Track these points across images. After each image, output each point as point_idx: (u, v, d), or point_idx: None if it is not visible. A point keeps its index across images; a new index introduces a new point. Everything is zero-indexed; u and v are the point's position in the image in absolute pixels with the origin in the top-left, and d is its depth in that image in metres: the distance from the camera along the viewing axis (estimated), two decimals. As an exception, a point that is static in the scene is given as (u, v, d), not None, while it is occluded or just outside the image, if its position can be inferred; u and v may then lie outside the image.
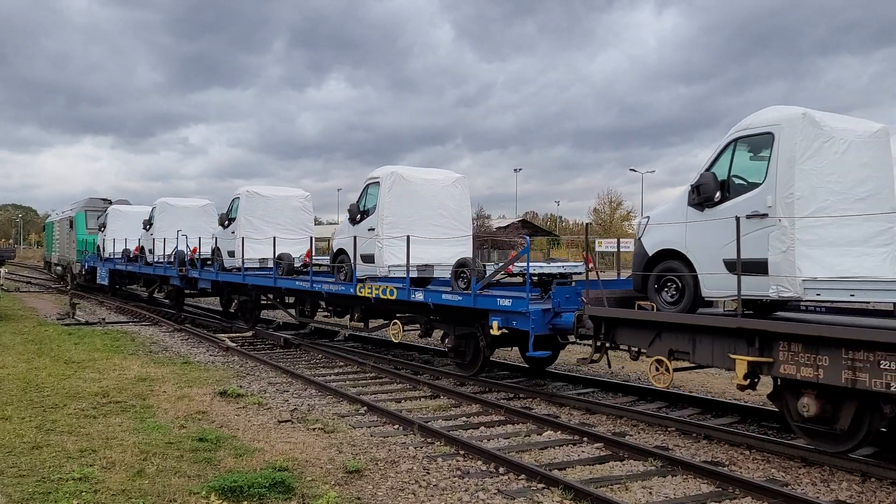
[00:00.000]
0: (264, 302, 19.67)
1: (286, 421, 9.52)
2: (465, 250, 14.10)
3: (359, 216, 14.43)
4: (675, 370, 9.00)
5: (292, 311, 18.23)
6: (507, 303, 11.06)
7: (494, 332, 11.21)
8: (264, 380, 12.65)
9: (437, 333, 13.61)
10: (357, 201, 14.62)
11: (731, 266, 8.10)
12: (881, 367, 6.86)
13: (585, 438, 8.76)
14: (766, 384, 8.75)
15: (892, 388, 6.76)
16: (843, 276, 7.63)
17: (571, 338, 11.14)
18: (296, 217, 19.05)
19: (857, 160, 8.20)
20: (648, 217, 9.54)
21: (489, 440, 8.77)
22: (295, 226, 18.85)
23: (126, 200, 33.24)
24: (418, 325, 13.64)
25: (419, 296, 12.70)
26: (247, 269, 18.30)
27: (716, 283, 8.38)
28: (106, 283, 29.18)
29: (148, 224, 25.06)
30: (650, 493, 6.94)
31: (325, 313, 17.15)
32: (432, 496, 6.75)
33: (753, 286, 7.94)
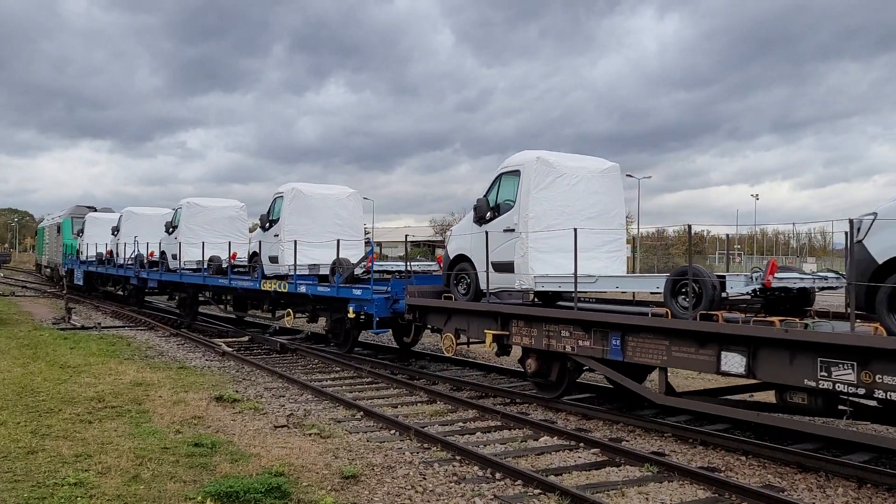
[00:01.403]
0: (202, 298, 22.26)
1: (282, 426, 9.50)
2: (357, 253, 16.73)
3: (268, 224, 17.60)
4: (459, 344, 12.40)
5: (222, 306, 21.68)
6: (358, 293, 14.36)
7: (350, 315, 14.57)
8: (260, 385, 12.63)
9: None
10: (267, 212, 17.69)
11: (494, 266, 11.26)
12: (562, 335, 10.45)
13: (582, 444, 8.76)
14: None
15: (567, 349, 10.39)
16: (564, 274, 10.43)
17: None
18: (231, 224, 22.04)
19: (587, 189, 11.36)
20: (451, 230, 12.87)
21: (486, 445, 8.76)
22: (230, 232, 21.63)
23: (109, 208, 36.28)
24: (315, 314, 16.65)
25: (302, 288, 15.97)
26: (183, 269, 21.30)
27: (489, 280, 11.48)
28: (81, 283, 32.17)
29: (115, 230, 27.81)
30: (647, 498, 6.94)
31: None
32: (429, 501, 6.74)
33: (507, 281, 11.21)
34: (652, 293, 10.61)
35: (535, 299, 11.79)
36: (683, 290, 8.64)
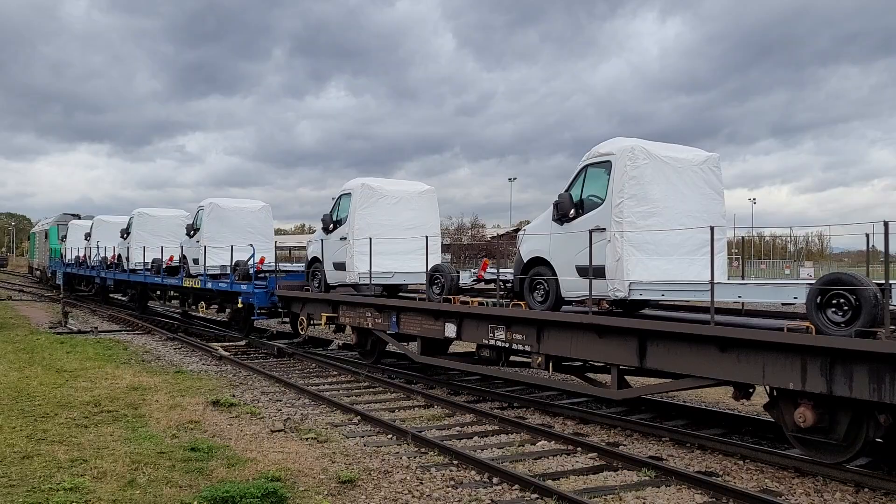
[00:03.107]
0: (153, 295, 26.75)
1: (279, 430, 9.47)
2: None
3: (192, 232, 21.34)
4: (312, 324, 16.18)
5: (162, 301, 26.67)
6: (245, 287, 18.09)
7: (239, 305, 18.44)
8: (257, 389, 12.60)
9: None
10: (192, 221, 21.41)
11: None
12: (367, 315, 14.07)
13: (579, 448, 8.74)
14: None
15: (370, 325, 14.04)
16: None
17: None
18: (179, 231, 24.06)
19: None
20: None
21: (483, 450, 8.75)
22: (177, 238, 23.91)
23: (91, 216, 38.46)
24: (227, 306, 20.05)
25: (209, 285, 19.68)
26: (132, 270, 25.49)
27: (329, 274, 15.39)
28: (61, 283, 35.15)
29: (87, 236, 31.23)
30: (644, 503, 6.93)
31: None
32: (425, 506, 6.72)
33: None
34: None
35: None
36: (835, 301, 7.46)
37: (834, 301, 7.29)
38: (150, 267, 23.93)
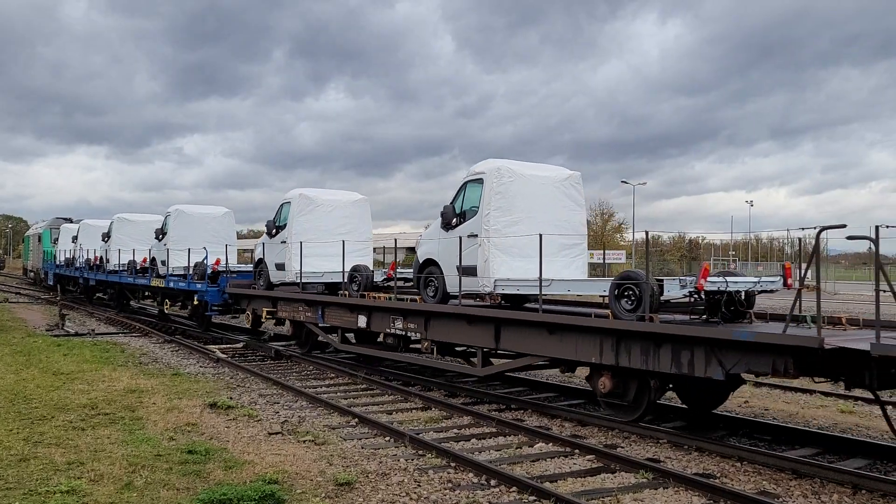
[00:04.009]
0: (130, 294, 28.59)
1: (276, 433, 9.46)
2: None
3: (161, 236, 23.31)
4: (267, 319, 17.90)
5: (136, 300, 29.21)
6: (199, 286, 19.99)
7: (195, 302, 20.37)
8: (255, 391, 12.58)
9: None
10: (161, 226, 23.47)
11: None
12: (300, 310, 16.31)
13: (577, 450, 8.74)
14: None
15: (303, 319, 16.26)
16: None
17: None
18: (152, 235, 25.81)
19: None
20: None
21: (480, 452, 8.74)
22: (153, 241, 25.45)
23: (81, 219, 39.98)
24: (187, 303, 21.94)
25: (171, 284, 21.75)
26: (111, 271, 27.50)
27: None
28: (51, 283, 38.25)
29: (74, 238, 33.40)
30: (641, 505, 6.93)
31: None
32: (423, 509, 6.71)
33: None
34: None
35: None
36: (626, 293, 9.36)
37: (626, 293, 9.26)
38: (126, 268, 26.07)
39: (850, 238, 8.49)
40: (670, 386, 10.06)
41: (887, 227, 7.34)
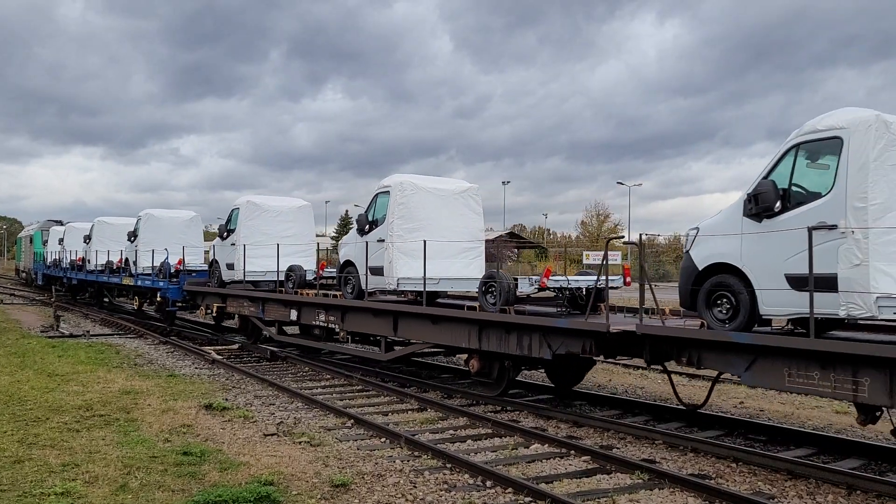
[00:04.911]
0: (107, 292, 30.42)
1: (272, 434, 9.45)
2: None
3: (133, 238, 24.90)
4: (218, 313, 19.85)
5: (110, 298, 30.92)
6: (162, 284, 21.81)
7: (159, 299, 22.09)
8: (250, 393, 12.56)
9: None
10: (133, 229, 24.83)
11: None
12: (245, 304, 18.08)
13: (573, 451, 8.75)
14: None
15: (247, 313, 18.04)
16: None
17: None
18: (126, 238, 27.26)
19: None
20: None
21: (476, 453, 8.74)
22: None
23: (67, 222, 41.35)
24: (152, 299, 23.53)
25: (139, 282, 23.68)
26: (90, 271, 29.38)
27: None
28: (40, 282, 40.98)
29: (60, 241, 35.35)
30: (637, 506, 6.94)
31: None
32: (419, 510, 6.71)
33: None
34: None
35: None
36: (491, 289, 11.24)
37: (490, 289, 11.19)
38: (103, 268, 27.87)
39: (626, 244, 12.69)
40: (525, 368, 12.39)
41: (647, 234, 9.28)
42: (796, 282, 7.57)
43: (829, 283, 7.33)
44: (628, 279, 11.44)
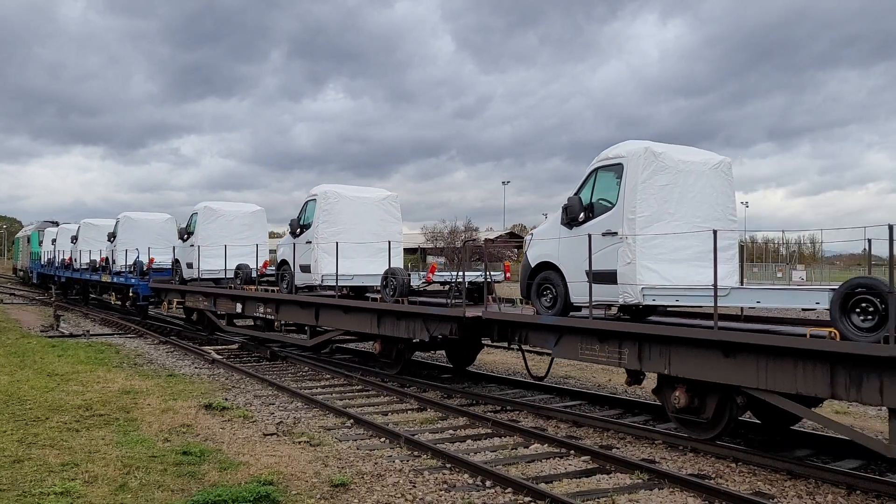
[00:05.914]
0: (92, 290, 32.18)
1: (272, 434, 9.45)
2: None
3: (112, 238, 26.89)
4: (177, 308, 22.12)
5: (105, 295, 31.16)
6: (134, 281, 24.16)
7: (131, 294, 24.51)
8: (250, 392, 12.56)
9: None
10: (113, 230, 27.08)
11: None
12: (199, 299, 20.54)
13: (572, 451, 8.74)
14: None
15: (201, 307, 20.57)
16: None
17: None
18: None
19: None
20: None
21: (476, 453, 8.74)
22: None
23: (68, 223, 42.32)
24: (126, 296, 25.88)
25: (115, 280, 26.05)
26: (75, 269, 31.68)
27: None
28: (35, 281, 43.92)
29: (52, 241, 37.54)
30: (637, 506, 6.94)
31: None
32: (418, 510, 6.71)
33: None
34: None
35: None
36: (389, 283, 13.16)
37: (388, 283, 13.16)
38: (87, 267, 29.89)
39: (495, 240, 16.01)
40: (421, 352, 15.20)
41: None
42: (593, 276, 9.59)
43: (612, 278, 9.40)
44: (508, 274, 14.14)
